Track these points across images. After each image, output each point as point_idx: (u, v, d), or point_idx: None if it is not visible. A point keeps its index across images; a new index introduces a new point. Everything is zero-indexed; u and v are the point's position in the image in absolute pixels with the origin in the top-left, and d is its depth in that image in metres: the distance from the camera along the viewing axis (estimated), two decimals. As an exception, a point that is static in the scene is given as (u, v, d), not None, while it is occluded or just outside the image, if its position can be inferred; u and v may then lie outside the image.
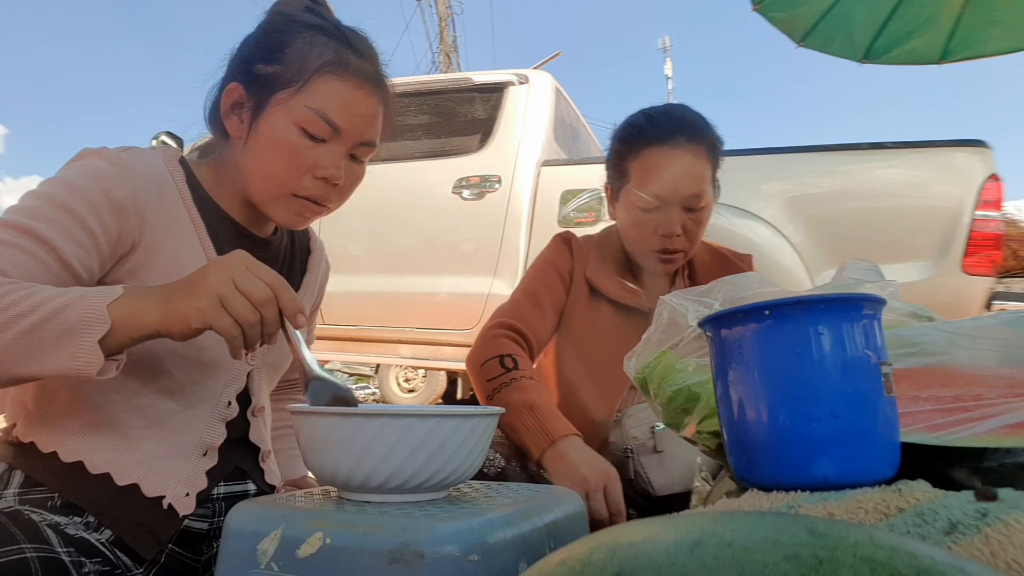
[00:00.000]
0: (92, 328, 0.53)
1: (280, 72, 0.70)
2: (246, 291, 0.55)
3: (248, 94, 0.71)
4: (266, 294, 0.55)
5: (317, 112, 0.69)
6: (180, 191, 0.72)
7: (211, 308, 0.54)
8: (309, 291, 0.86)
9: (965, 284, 1.97)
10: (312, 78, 0.69)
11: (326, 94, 0.69)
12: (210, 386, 0.71)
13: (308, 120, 0.69)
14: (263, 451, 0.77)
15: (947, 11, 2.08)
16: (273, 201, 0.72)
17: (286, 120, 0.69)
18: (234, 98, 0.72)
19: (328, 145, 0.71)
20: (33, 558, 0.52)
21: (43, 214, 0.61)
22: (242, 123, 0.72)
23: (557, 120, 2.73)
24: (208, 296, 0.54)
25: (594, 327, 1.07)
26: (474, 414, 0.49)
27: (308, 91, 0.69)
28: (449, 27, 13.35)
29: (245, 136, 0.71)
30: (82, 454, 0.64)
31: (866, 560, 0.21)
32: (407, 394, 4.15)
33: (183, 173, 0.73)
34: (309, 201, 0.72)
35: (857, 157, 2.14)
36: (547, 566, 0.27)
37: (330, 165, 0.71)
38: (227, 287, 0.54)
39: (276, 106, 0.70)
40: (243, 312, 0.54)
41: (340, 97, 0.70)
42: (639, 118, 1.05)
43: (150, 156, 0.71)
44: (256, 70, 0.71)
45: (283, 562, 0.43)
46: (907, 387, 0.49)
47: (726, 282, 0.63)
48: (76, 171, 0.65)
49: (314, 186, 0.71)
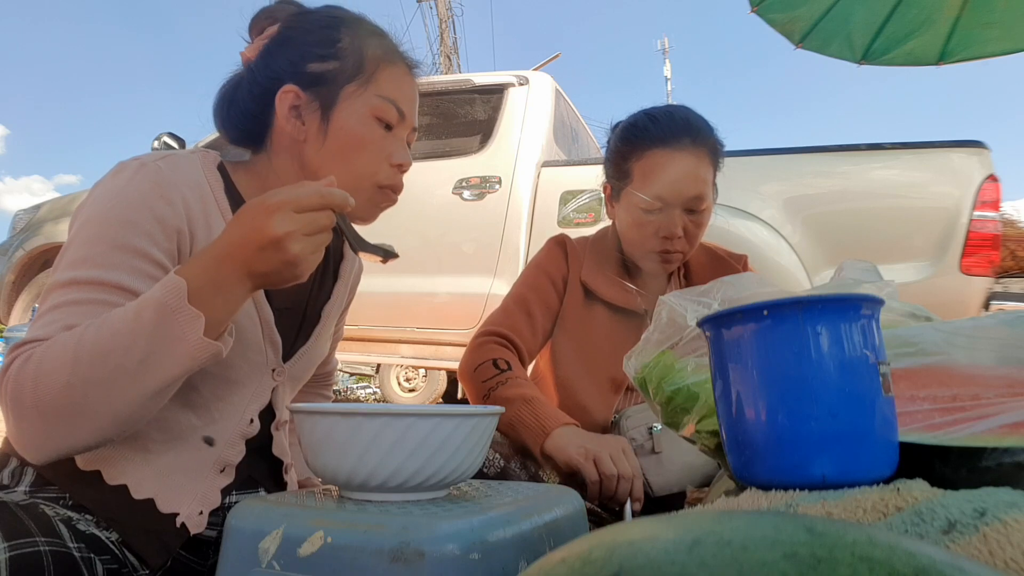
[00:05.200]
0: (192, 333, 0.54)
1: (340, 67, 0.71)
2: (306, 216, 0.56)
3: (308, 94, 0.70)
4: (318, 202, 0.56)
5: (388, 100, 0.72)
6: (219, 203, 0.70)
7: (301, 250, 0.55)
8: (339, 298, 0.85)
9: (963, 284, 1.97)
10: (377, 68, 0.72)
11: (390, 81, 0.72)
12: (234, 403, 0.70)
13: (382, 109, 0.71)
14: (285, 464, 0.77)
15: (945, 12, 2.08)
16: (358, 194, 0.71)
17: (363, 110, 0.71)
18: (291, 100, 0.71)
19: (395, 132, 0.73)
20: (46, 552, 0.52)
21: (107, 260, 0.60)
22: (304, 124, 0.71)
23: (557, 121, 2.73)
24: (289, 245, 0.54)
25: (590, 329, 1.07)
26: (474, 413, 0.50)
27: (376, 81, 0.71)
28: (449, 29, 13.36)
29: (317, 135, 0.71)
30: (100, 463, 0.63)
31: (864, 559, 0.21)
32: (408, 394, 4.15)
33: (222, 182, 0.71)
34: (389, 190, 0.74)
35: (855, 158, 2.14)
36: (547, 564, 0.27)
37: (401, 150, 0.74)
38: (292, 222, 0.54)
39: (347, 100, 0.70)
40: (318, 227, 0.56)
41: (401, 83, 0.74)
42: (642, 118, 1.05)
43: (190, 165, 0.69)
44: (310, 69, 0.70)
45: (284, 561, 0.43)
46: (905, 387, 0.49)
47: (725, 282, 0.63)
48: (121, 201, 0.63)
49: (391, 174, 0.74)
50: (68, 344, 0.54)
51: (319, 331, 0.81)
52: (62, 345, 0.54)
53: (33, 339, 0.56)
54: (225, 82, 0.76)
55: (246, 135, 0.75)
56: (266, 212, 0.55)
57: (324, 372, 0.97)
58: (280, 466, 0.77)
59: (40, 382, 0.53)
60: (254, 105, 0.73)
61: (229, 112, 0.74)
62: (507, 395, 0.90)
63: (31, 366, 0.54)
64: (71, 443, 0.55)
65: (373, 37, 0.74)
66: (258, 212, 0.55)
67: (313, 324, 0.81)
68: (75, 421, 0.54)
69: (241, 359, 0.68)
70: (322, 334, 0.82)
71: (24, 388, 0.53)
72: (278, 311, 0.74)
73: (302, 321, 0.79)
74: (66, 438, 0.54)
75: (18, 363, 0.55)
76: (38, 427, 0.54)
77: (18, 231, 3.32)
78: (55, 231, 3.08)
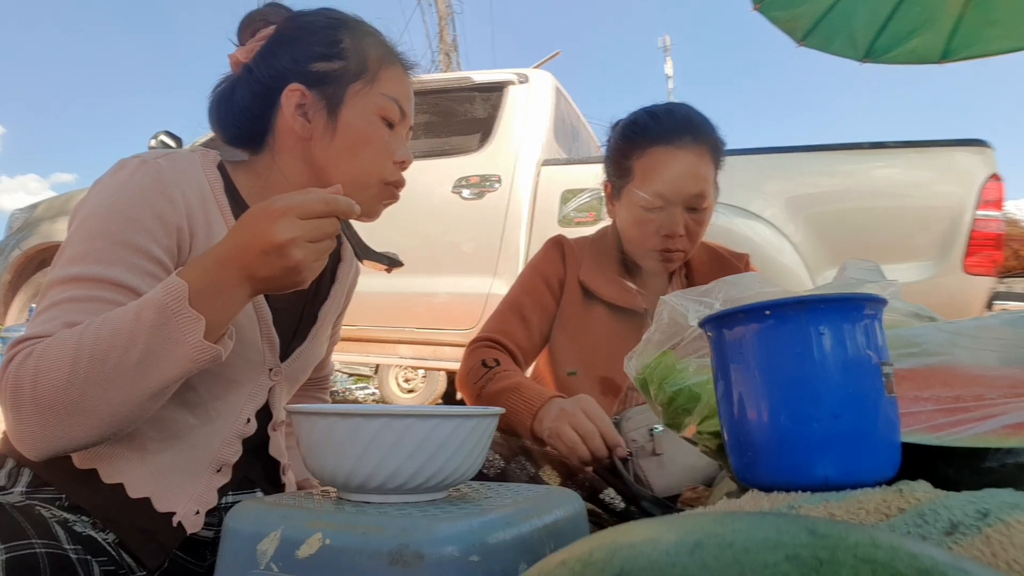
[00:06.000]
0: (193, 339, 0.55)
1: (346, 67, 0.72)
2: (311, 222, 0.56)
3: (314, 93, 0.72)
4: (323, 209, 0.56)
5: (392, 99, 0.74)
6: (219, 202, 0.70)
7: (304, 257, 0.55)
8: (336, 300, 0.85)
9: (966, 284, 1.97)
10: (380, 68, 0.73)
11: (392, 81, 0.75)
12: (231, 402, 0.70)
13: (386, 107, 0.73)
14: (283, 464, 0.77)
15: (948, 10, 2.08)
16: (364, 191, 0.73)
17: (369, 109, 0.72)
18: (297, 99, 0.72)
19: (396, 130, 0.75)
20: (42, 554, 0.52)
21: (107, 256, 0.60)
22: (310, 122, 0.72)
23: (557, 119, 2.73)
24: (292, 251, 0.55)
25: (589, 330, 1.07)
26: (474, 414, 0.49)
27: (380, 80, 0.73)
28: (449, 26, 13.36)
29: (324, 133, 0.71)
30: (97, 461, 0.63)
31: (867, 560, 0.21)
32: (407, 394, 4.15)
33: (221, 181, 0.72)
34: (392, 187, 0.76)
35: (858, 157, 2.14)
36: (547, 566, 0.27)
37: (402, 148, 0.76)
38: (296, 228, 0.55)
39: (352, 98, 0.72)
40: (322, 234, 0.57)
41: (401, 83, 0.76)
42: (643, 116, 1.04)
43: (190, 163, 0.69)
44: (315, 69, 0.72)
45: (283, 563, 0.43)
46: (908, 387, 0.49)
47: (727, 282, 0.63)
48: (121, 198, 0.62)
49: (394, 172, 0.75)
50: (68, 342, 0.54)
51: (316, 331, 0.81)
52: (62, 343, 0.54)
53: (33, 335, 0.56)
54: (219, 82, 0.76)
55: (245, 134, 0.75)
56: (270, 217, 0.55)
57: (320, 376, 0.98)
58: (277, 467, 0.77)
59: (40, 379, 0.53)
60: (255, 104, 0.73)
61: (227, 112, 0.74)
62: (495, 389, 0.91)
63: (31, 362, 0.54)
64: (69, 440, 0.55)
65: (373, 38, 0.76)
66: (262, 217, 0.55)
67: (310, 325, 0.81)
68: (73, 418, 0.54)
69: (239, 358, 0.68)
70: (319, 335, 0.82)
71: (23, 384, 0.54)
72: (276, 311, 0.74)
73: (299, 321, 0.80)
74: (64, 435, 0.55)
75: (18, 359, 0.55)
76: (36, 423, 0.54)
77: (14, 230, 3.32)
78: (52, 230, 3.08)
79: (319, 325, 0.81)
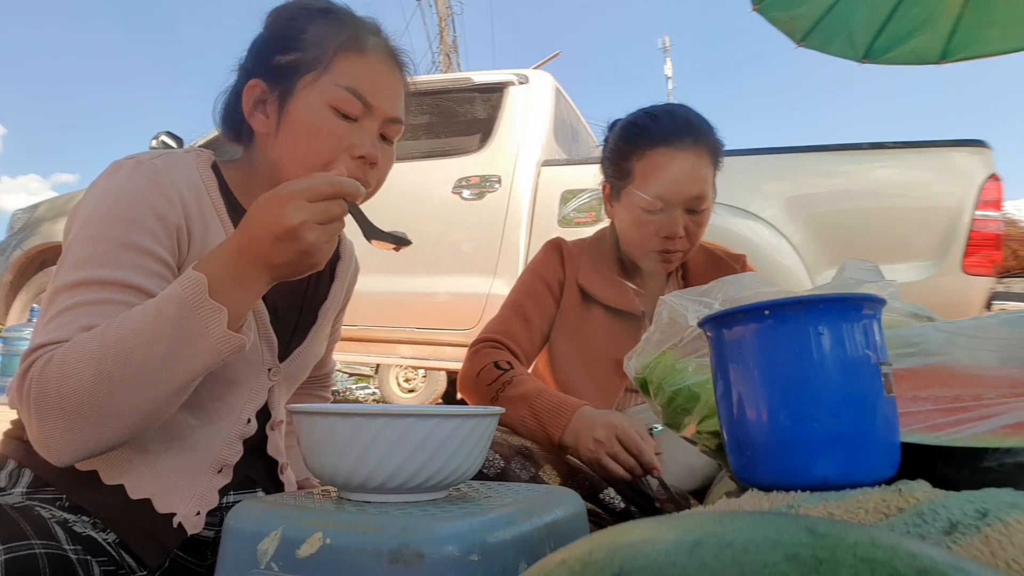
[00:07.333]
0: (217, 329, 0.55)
1: (301, 58, 0.69)
2: (319, 205, 0.56)
3: (270, 87, 0.70)
4: (330, 191, 0.57)
5: (348, 89, 0.68)
6: (214, 202, 0.70)
7: (317, 239, 0.56)
8: (335, 299, 0.85)
9: (965, 284, 1.97)
10: (335, 57, 0.69)
11: (351, 70, 0.69)
12: (231, 402, 0.70)
13: (340, 99, 0.68)
14: (280, 464, 0.77)
15: (947, 11, 2.08)
16: None
17: (317, 102, 0.68)
18: (256, 94, 0.70)
19: (361, 123, 0.70)
20: (42, 554, 0.52)
21: (112, 258, 0.60)
22: (268, 117, 0.70)
23: (557, 120, 2.73)
24: (304, 234, 0.55)
25: (588, 332, 1.07)
26: (474, 414, 0.49)
27: (333, 70, 0.69)
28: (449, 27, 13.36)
29: (275, 128, 0.70)
30: (98, 464, 0.63)
31: (866, 560, 0.21)
32: (407, 394, 4.15)
33: (216, 181, 0.71)
34: None
35: (857, 157, 2.14)
36: (547, 566, 0.27)
37: (366, 143, 0.70)
38: (306, 212, 0.55)
39: (302, 90, 0.69)
40: (331, 216, 0.57)
41: (364, 72, 0.70)
42: (642, 117, 1.04)
43: (185, 164, 0.69)
44: (275, 62, 0.70)
45: (283, 562, 0.43)
46: (907, 387, 0.49)
47: (726, 282, 0.63)
48: (121, 200, 0.62)
49: (353, 167, 0.70)
50: (91, 344, 0.54)
51: (315, 331, 0.81)
52: (84, 345, 0.54)
53: (50, 341, 0.56)
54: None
55: (235, 131, 0.75)
56: (279, 203, 0.55)
57: (322, 374, 0.97)
58: (276, 466, 0.77)
59: (64, 383, 0.53)
60: (236, 101, 0.73)
61: (221, 110, 0.75)
62: (517, 393, 0.91)
63: (54, 367, 0.54)
64: (96, 443, 0.55)
65: (340, 25, 0.71)
66: (272, 204, 0.56)
67: (309, 324, 0.81)
68: (100, 420, 0.54)
69: (238, 358, 0.68)
70: (318, 334, 0.81)
71: (48, 390, 0.53)
72: (274, 310, 0.74)
73: (298, 320, 0.79)
74: (91, 438, 0.54)
75: (39, 365, 0.54)
76: (63, 429, 0.54)
77: (16, 231, 3.33)
78: (53, 230, 3.08)
79: (318, 324, 0.81)
